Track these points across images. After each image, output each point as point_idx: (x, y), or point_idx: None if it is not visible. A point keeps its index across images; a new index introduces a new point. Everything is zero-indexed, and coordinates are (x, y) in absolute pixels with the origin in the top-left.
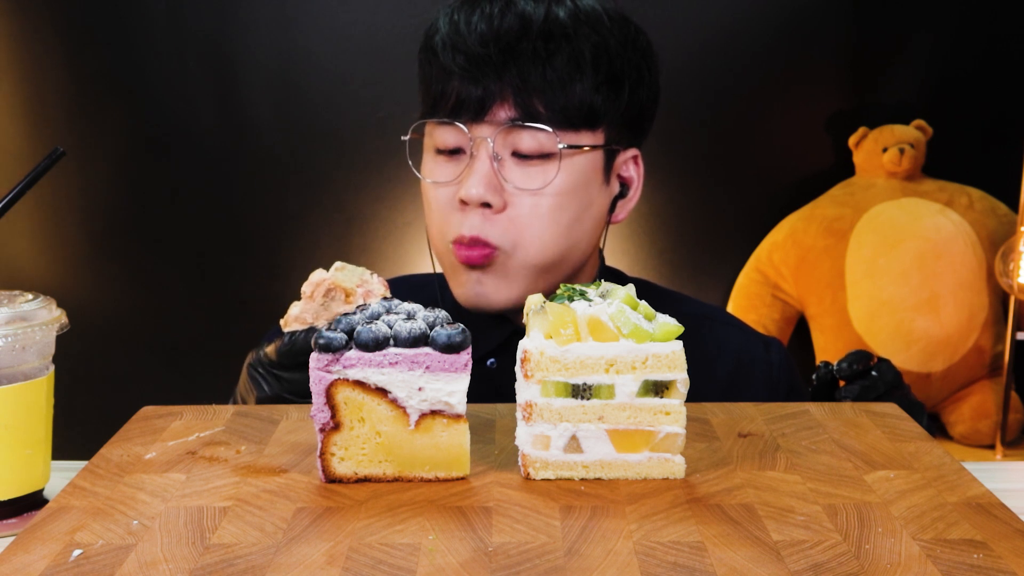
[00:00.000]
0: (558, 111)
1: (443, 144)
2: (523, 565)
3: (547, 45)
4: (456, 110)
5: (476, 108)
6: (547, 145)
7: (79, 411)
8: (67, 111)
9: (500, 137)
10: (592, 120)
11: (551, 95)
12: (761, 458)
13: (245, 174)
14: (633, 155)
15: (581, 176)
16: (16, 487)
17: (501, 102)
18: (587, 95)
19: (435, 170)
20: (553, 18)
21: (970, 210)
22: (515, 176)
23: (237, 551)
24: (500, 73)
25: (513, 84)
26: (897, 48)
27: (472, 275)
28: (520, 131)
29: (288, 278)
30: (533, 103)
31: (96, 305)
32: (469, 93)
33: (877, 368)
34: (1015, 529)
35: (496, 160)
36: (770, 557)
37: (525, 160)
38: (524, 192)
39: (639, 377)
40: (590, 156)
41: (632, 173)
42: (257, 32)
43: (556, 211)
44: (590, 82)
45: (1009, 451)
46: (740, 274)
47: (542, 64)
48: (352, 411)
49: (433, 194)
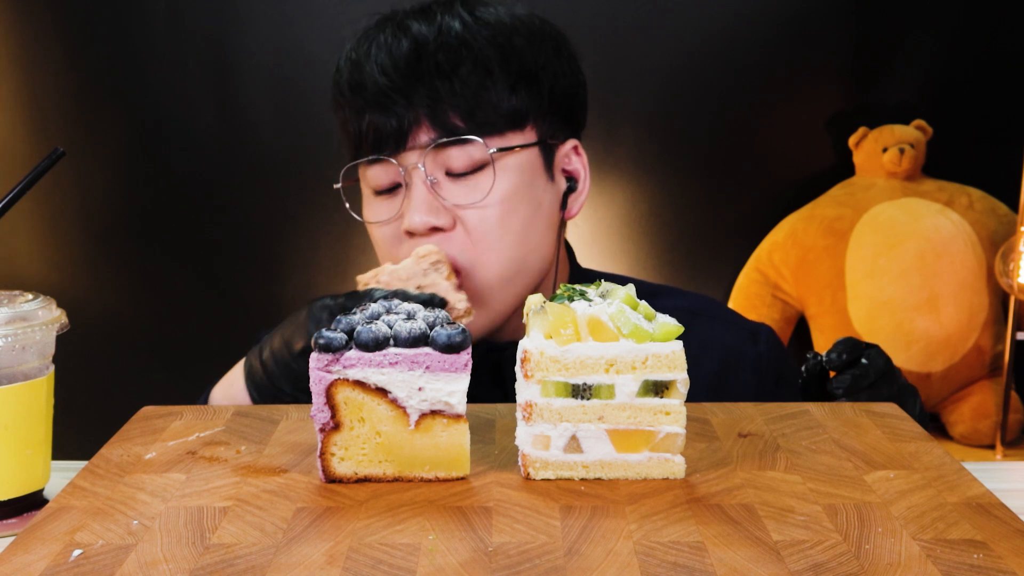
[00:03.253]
0: (478, 120)
1: (377, 184)
2: (523, 565)
3: (448, 58)
4: (378, 145)
5: (396, 138)
6: (478, 156)
7: (79, 411)
8: (67, 111)
9: (429, 160)
10: (516, 121)
11: (465, 106)
12: (761, 458)
13: (245, 174)
14: (573, 146)
15: (521, 177)
16: (16, 487)
17: (418, 126)
18: (503, 97)
19: (377, 209)
20: (447, 31)
21: (970, 210)
22: (453, 194)
23: (237, 551)
24: (409, 98)
25: (424, 105)
26: (897, 48)
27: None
28: (447, 149)
29: (288, 278)
30: (450, 118)
31: (96, 305)
32: (385, 125)
33: (867, 355)
34: (1015, 529)
35: (432, 184)
36: (770, 557)
37: (461, 177)
38: (468, 208)
39: (639, 377)
40: (525, 156)
41: (576, 165)
42: (256, 32)
43: (504, 218)
44: (503, 84)
45: (1009, 451)
46: (740, 274)
47: (447, 78)
48: (352, 411)
49: (379, 233)
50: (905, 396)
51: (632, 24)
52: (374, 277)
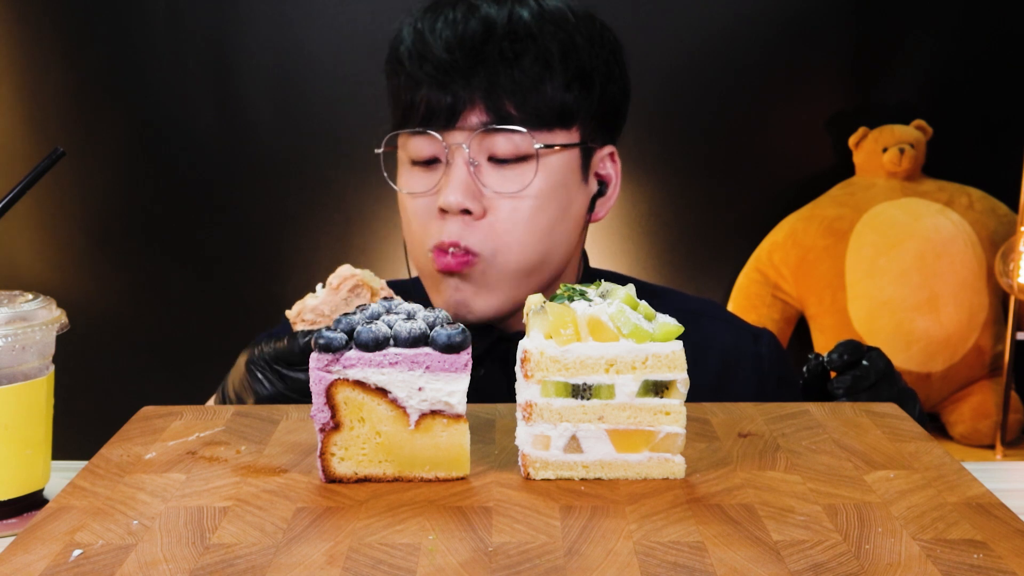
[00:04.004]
0: (530, 112)
1: (418, 155)
2: (523, 565)
3: (513, 46)
4: (427, 119)
5: (447, 115)
6: (523, 147)
7: (79, 411)
8: (67, 111)
9: (475, 142)
10: (565, 119)
11: (521, 96)
12: (761, 458)
13: (245, 174)
14: (609, 152)
15: (559, 176)
16: (16, 487)
17: (472, 107)
18: (558, 93)
19: (411, 181)
20: (517, 19)
21: (970, 210)
22: (493, 180)
23: (237, 551)
24: (468, 78)
25: (482, 88)
26: (897, 48)
27: (451, 283)
28: (494, 135)
29: (288, 278)
30: (504, 105)
31: (96, 305)
32: (439, 101)
33: (868, 357)
34: (1015, 529)
35: (472, 166)
36: (770, 557)
37: (502, 164)
38: (503, 196)
39: (639, 377)
40: (567, 155)
41: (609, 171)
42: (256, 32)
43: (536, 213)
44: (560, 80)
45: (1009, 451)
46: (740, 274)
47: (510, 66)
48: (352, 411)
49: (411, 205)
50: (905, 399)
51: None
52: (298, 316)
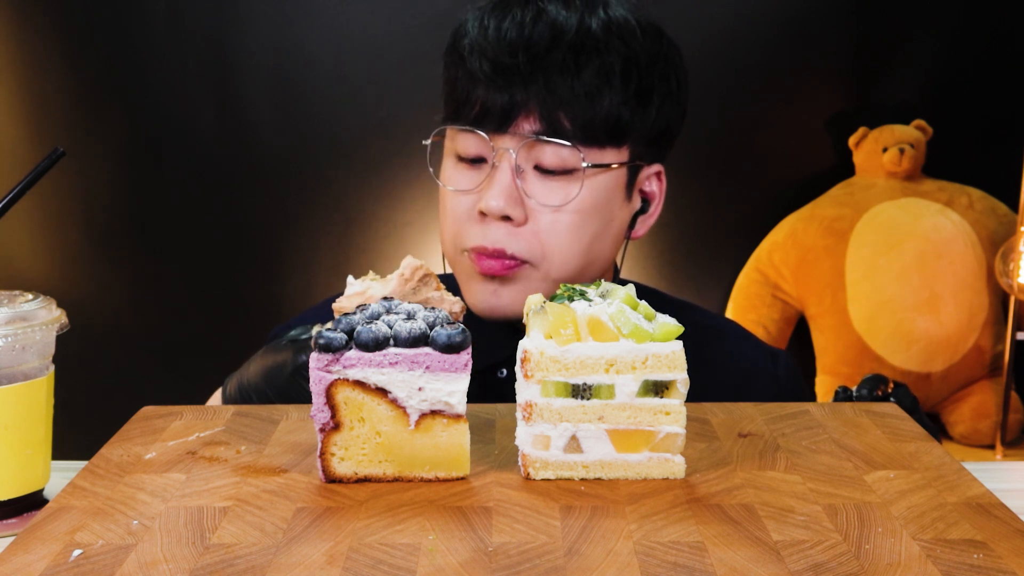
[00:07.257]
0: (583, 126)
1: (464, 152)
2: (523, 565)
3: (577, 57)
4: (480, 118)
5: (500, 118)
6: (570, 161)
7: (79, 411)
8: (67, 111)
9: (523, 150)
10: (618, 136)
11: (577, 109)
12: (761, 458)
13: (245, 174)
14: (656, 171)
15: (604, 193)
16: (16, 487)
17: (526, 114)
18: (614, 110)
19: (455, 177)
20: (585, 29)
21: (970, 210)
22: (537, 190)
23: (237, 551)
24: (527, 83)
25: (539, 95)
26: (897, 48)
27: (489, 286)
28: (544, 145)
29: (288, 278)
30: (559, 117)
31: (96, 305)
32: (494, 102)
33: (895, 394)
34: (1015, 529)
35: (518, 173)
36: (770, 557)
37: (548, 175)
38: (545, 207)
39: (639, 377)
40: (614, 173)
41: (654, 188)
42: (256, 32)
43: (577, 228)
44: (618, 96)
45: (1009, 451)
46: (740, 274)
47: (571, 76)
48: (352, 411)
49: (452, 201)
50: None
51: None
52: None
